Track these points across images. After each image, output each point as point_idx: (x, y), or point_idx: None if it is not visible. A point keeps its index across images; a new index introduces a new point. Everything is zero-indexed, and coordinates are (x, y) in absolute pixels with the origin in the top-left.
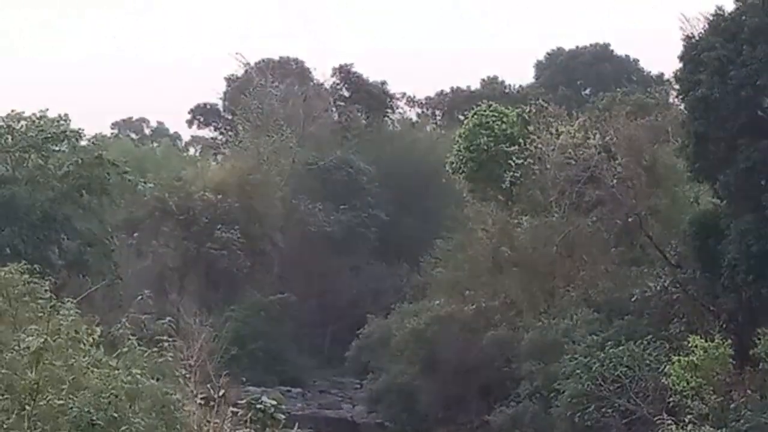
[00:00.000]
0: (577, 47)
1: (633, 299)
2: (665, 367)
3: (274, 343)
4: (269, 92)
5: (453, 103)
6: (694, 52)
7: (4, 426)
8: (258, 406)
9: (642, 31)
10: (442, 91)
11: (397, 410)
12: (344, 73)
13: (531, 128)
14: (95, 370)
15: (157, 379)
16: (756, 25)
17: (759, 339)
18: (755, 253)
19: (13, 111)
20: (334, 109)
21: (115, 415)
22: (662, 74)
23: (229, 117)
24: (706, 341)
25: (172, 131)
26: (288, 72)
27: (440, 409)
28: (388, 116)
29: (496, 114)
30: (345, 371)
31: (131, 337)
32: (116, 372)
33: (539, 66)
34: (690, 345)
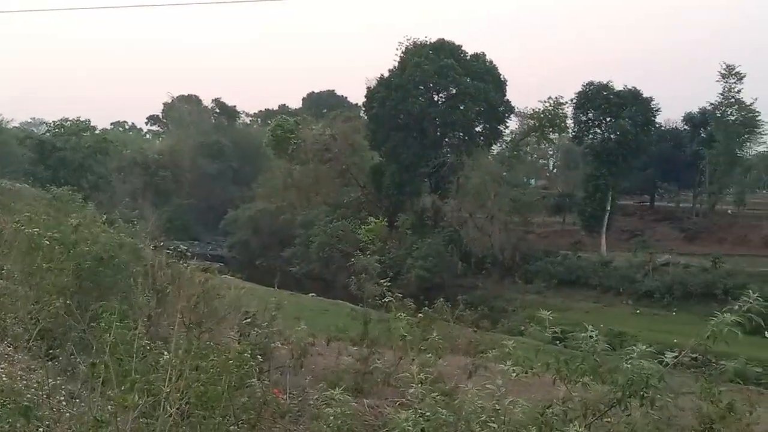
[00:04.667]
0: None
1: (345, 202)
2: (359, 230)
3: (186, 222)
4: None
5: (268, 115)
6: (373, 92)
7: (60, 260)
8: (178, 249)
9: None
10: (266, 108)
11: (240, 251)
12: None
13: (301, 126)
14: (103, 234)
15: (132, 239)
16: (397, 82)
17: (398, 218)
18: (397, 182)
19: (62, 118)
20: None
21: (112, 254)
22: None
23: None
24: (376, 219)
25: (138, 126)
26: None
27: (260, 250)
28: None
29: (285, 120)
30: (219, 233)
31: (119, 220)
32: (112, 235)
33: None
34: (369, 221)
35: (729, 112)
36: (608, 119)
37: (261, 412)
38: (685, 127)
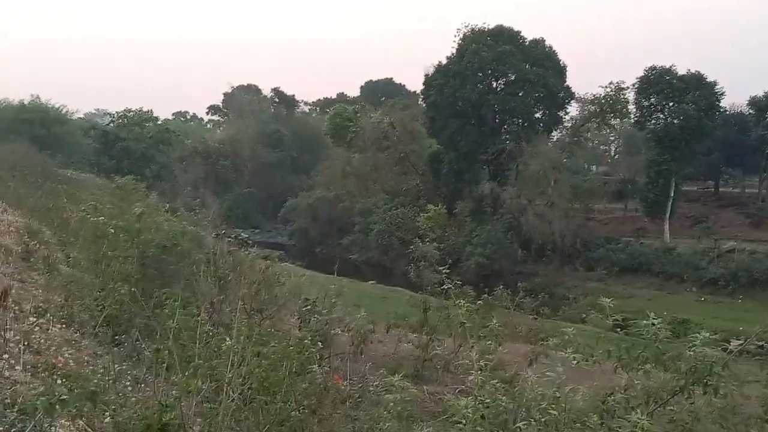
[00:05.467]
0: None
1: (403, 189)
2: (417, 218)
3: (246, 211)
4: None
5: (325, 103)
6: (431, 78)
7: (125, 248)
8: (239, 237)
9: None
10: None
11: (300, 238)
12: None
13: (359, 114)
14: (166, 222)
15: (194, 227)
16: (455, 69)
17: (457, 206)
18: (455, 169)
19: (125, 109)
20: None
21: (175, 242)
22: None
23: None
24: (435, 206)
25: (199, 116)
26: None
27: (321, 237)
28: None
29: (344, 109)
30: (278, 222)
31: (182, 208)
32: (175, 224)
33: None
34: (428, 208)
35: None
36: (671, 104)
37: (322, 398)
38: (750, 111)
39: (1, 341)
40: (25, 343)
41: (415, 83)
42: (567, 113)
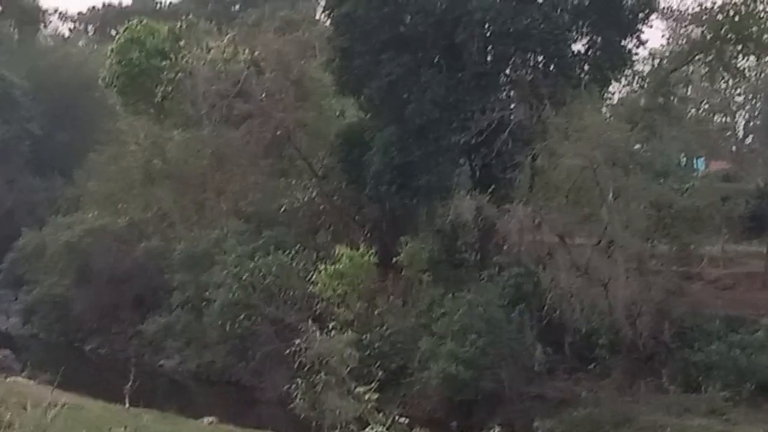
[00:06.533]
0: None
1: (282, 210)
2: (313, 275)
3: None
4: None
5: (105, 19)
6: None
7: None
8: None
9: None
10: (94, 6)
11: (51, 321)
12: None
13: (182, 43)
14: None
15: None
16: None
17: (401, 247)
18: (398, 164)
19: None
20: None
21: None
22: None
23: None
24: (352, 250)
25: None
26: None
27: (94, 320)
28: (40, 31)
29: (148, 29)
30: (0, 283)
31: None
32: None
33: None
34: (336, 254)
35: None
36: None
37: None
38: None
39: None
40: None
41: None
42: (643, 44)
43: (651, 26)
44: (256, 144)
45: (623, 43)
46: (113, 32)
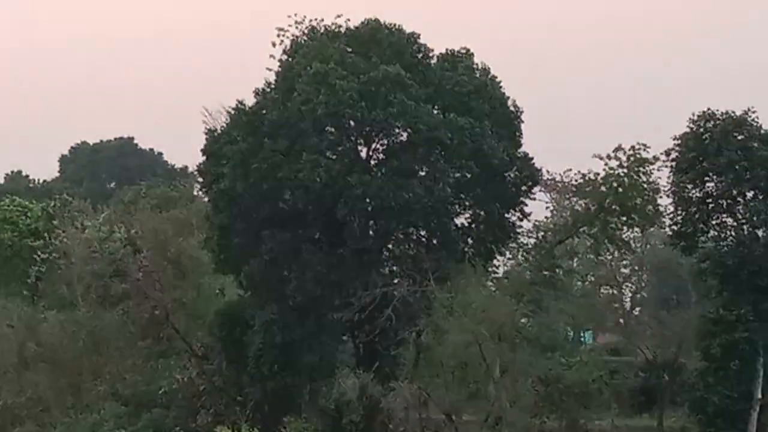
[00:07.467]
0: (102, 141)
1: (161, 392)
2: None
3: None
4: None
5: None
6: (216, 145)
7: None
8: None
9: (166, 124)
10: None
11: None
12: None
13: (56, 222)
14: None
15: None
16: (275, 119)
17: (285, 427)
18: (279, 343)
19: None
20: None
21: None
22: (187, 167)
23: None
24: (234, 431)
25: None
26: None
27: None
28: None
29: (20, 208)
30: None
31: None
32: None
33: (63, 160)
34: None
35: None
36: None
37: None
38: None
39: None
40: None
41: (186, 150)
42: (526, 217)
43: (534, 199)
44: (133, 324)
45: (507, 215)
46: None
